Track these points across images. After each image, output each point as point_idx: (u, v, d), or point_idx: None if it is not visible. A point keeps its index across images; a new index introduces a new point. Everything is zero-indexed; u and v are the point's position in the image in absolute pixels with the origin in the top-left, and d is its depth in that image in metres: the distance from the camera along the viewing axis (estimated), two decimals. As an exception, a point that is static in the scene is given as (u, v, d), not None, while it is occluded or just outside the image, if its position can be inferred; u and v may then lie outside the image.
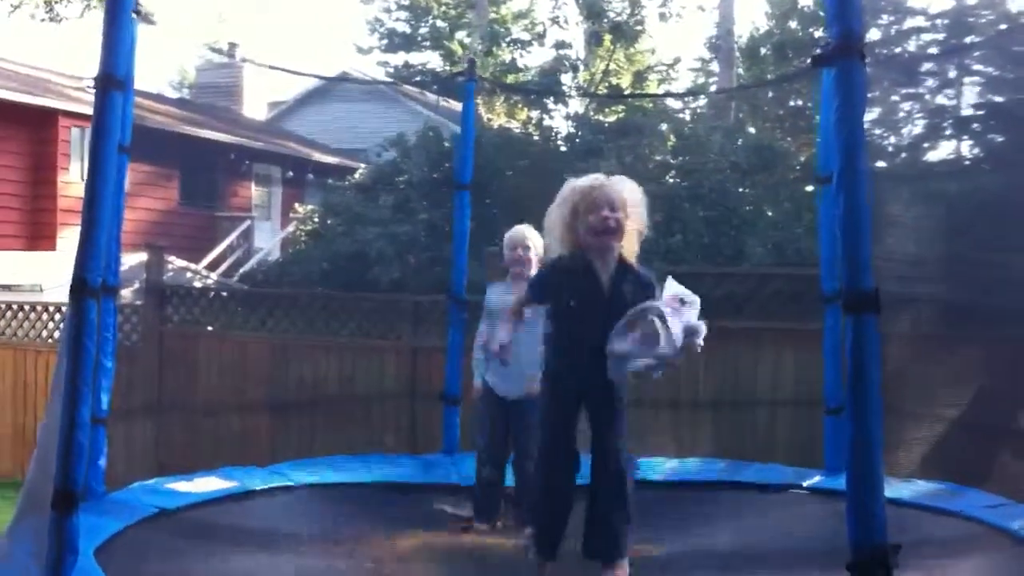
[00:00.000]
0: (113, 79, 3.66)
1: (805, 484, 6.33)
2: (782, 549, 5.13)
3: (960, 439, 5.82)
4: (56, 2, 20.54)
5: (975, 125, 10.57)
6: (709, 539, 5.28)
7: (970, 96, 10.86)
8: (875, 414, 2.74)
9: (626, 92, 17.51)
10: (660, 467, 6.71)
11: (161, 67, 42.31)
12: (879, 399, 2.74)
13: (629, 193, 3.92)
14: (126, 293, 10.99)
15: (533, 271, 5.64)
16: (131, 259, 10.58)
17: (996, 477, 5.68)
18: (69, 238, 17.01)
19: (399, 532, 5.28)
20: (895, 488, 2.91)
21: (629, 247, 3.95)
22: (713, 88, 20.39)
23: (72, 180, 18.42)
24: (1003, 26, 10.12)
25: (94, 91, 3.76)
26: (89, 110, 3.87)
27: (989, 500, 5.55)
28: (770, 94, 17.09)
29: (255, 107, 26.59)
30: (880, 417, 2.74)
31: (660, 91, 19.91)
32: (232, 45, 25.29)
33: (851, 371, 2.76)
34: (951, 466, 5.95)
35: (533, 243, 5.84)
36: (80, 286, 3.54)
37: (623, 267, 3.91)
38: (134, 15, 4.84)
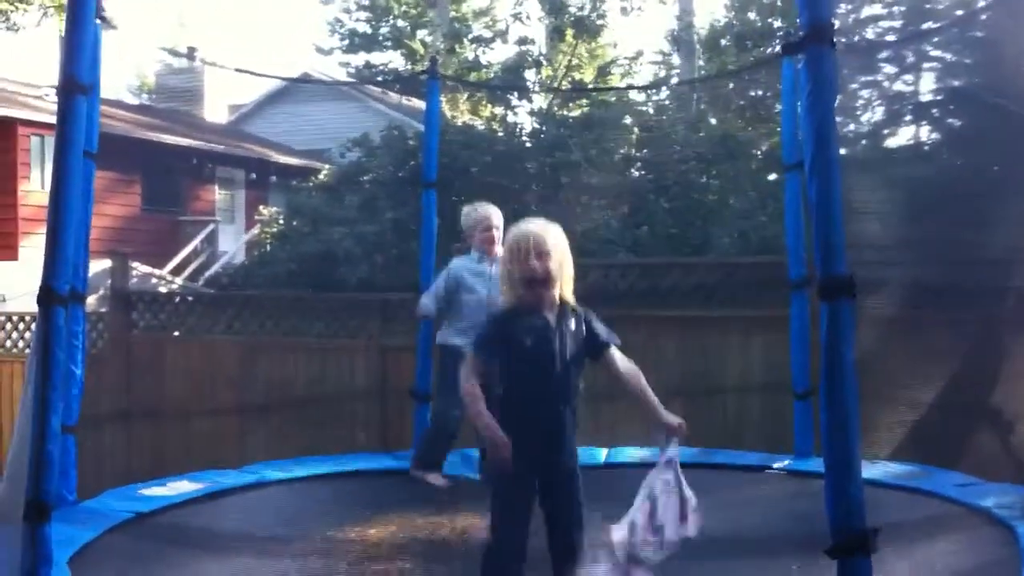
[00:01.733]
0: (76, 83, 3.62)
1: (775, 466, 6.41)
2: (756, 532, 5.17)
3: (934, 420, 5.88)
4: (12, 10, 20.27)
5: (934, 110, 10.67)
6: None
7: (928, 82, 10.98)
8: (851, 399, 2.75)
9: (589, 86, 17.52)
10: (630, 454, 6.76)
11: (120, 73, 41.94)
12: (855, 384, 2.76)
13: (553, 239, 3.84)
14: (91, 300, 10.86)
15: (499, 249, 5.91)
16: (95, 266, 10.45)
17: (970, 457, 5.74)
18: (31, 247, 16.82)
19: (375, 521, 5.30)
20: (868, 470, 2.91)
21: (567, 291, 3.88)
22: (675, 80, 20.45)
23: (33, 189, 18.22)
24: (960, 12, 10.23)
25: (56, 96, 3.72)
26: (49, 118, 3.83)
27: (960, 479, 5.62)
28: (731, 85, 17.17)
29: (216, 111, 26.39)
30: (856, 402, 2.76)
31: (623, 84, 19.91)
32: (192, 49, 25.09)
33: (826, 357, 2.78)
34: (925, 448, 6.01)
35: (499, 223, 6.25)
36: (48, 294, 3.50)
37: (565, 310, 3.85)
38: (98, 20, 4.79)
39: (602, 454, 6.78)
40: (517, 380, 3.80)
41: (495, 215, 6.33)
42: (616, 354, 3.92)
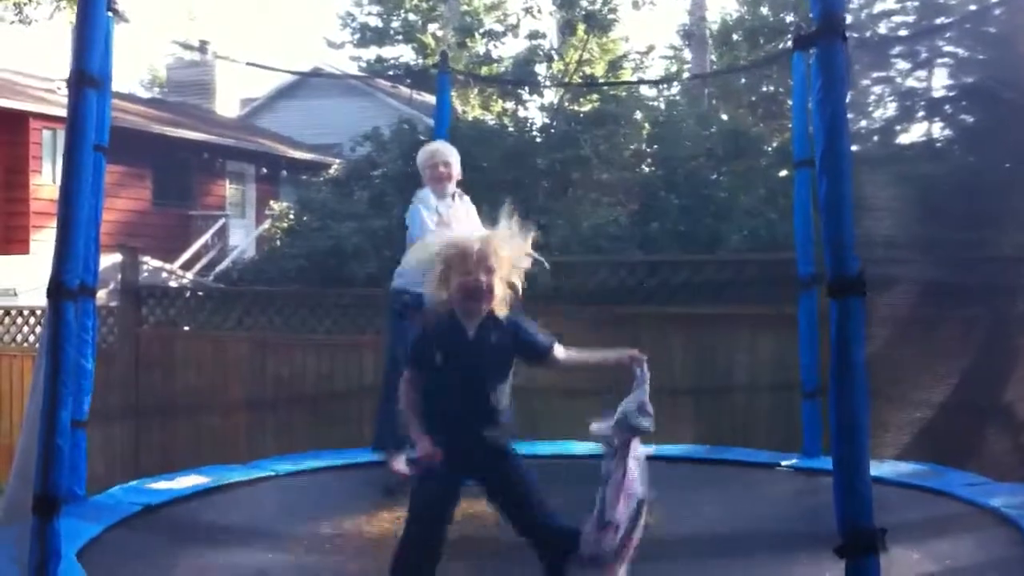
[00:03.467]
0: (86, 76, 3.61)
1: (783, 464, 6.40)
2: (764, 531, 5.16)
3: (944, 420, 5.85)
4: (25, 4, 20.32)
5: (947, 107, 10.63)
6: (692, 517, 5.32)
7: (941, 78, 10.93)
8: (861, 398, 2.74)
9: (600, 80, 17.48)
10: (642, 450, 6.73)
11: (132, 67, 41.94)
12: (865, 383, 2.74)
13: (504, 249, 3.72)
14: (101, 295, 10.88)
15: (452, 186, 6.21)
16: (105, 260, 10.48)
17: (980, 456, 5.72)
18: (43, 241, 16.88)
19: (382, 514, 5.31)
20: (876, 468, 2.90)
21: (499, 303, 3.75)
22: (686, 75, 20.40)
23: (44, 182, 18.28)
24: (973, 7, 10.18)
25: (67, 89, 3.72)
26: (61, 112, 3.82)
27: (970, 479, 5.61)
28: (742, 80, 17.13)
29: (227, 105, 26.44)
30: (866, 401, 2.74)
31: (634, 79, 19.85)
32: (203, 42, 25.11)
33: (835, 356, 2.76)
34: (934, 448, 5.99)
35: (454, 161, 6.28)
36: (57, 288, 3.50)
37: (489, 320, 3.73)
38: (109, 13, 4.79)
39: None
40: (440, 397, 3.70)
41: (446, 151, 6.38)
42: (558, 351, 3.82)
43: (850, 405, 2.73)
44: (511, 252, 3.72)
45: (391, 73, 25.91)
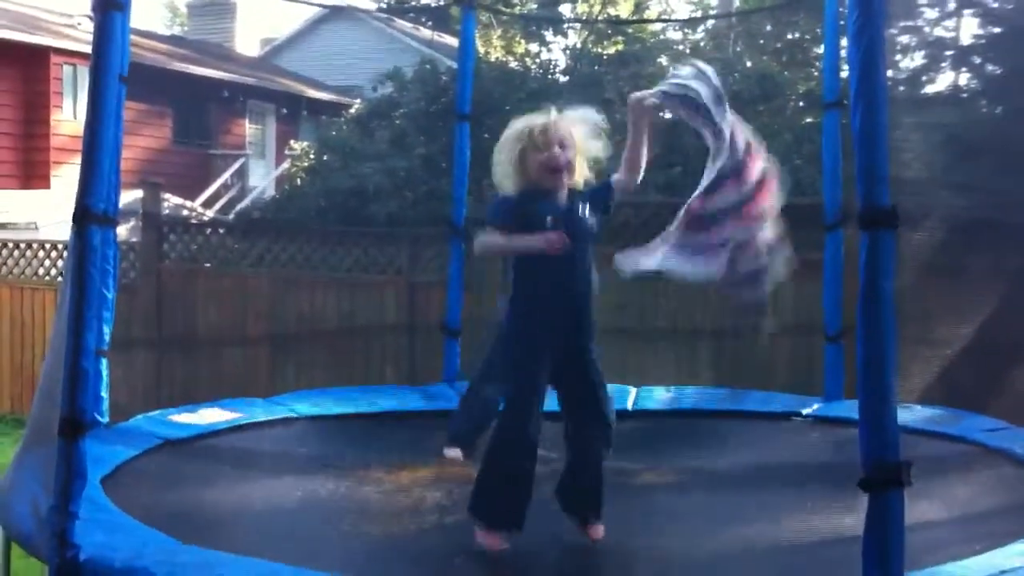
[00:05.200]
0: (111, 0, 3.58)
1: (804, 412, 6.38)
2: (787, 472, 5.18)
3: (966, 364, 5.84)
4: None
5: (974, 57, 10.49)
6: (712, 464, 5.33)
7: (969, 27, 10.77)
8: (888, 332, 2.72)
9: (625, 19, 17.30)
10: (660, 396, 6.77)
11: (153, 4, 41.73)
12: (893, 317, 2.72)
13: (578, 129, 3.92)
14: (122, 231, 10.91)
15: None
16: (126, 197, 10.50)
17: (1004, 400, 5.71)
18: (64, 176, 16.92)
19: (404, 461, 5.32)
20: (899, 413, 2.88)
21: (579, 177, 3.97)
22: (713, 16, 20.17)
23: (65, 118, 18.29)
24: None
25: (92, 15, 3.69)
26: (81, 47, 3.77)
27: (990, 424, 5.60)
28: (768, 27, 16.91)
29: (248, 44, 26.33)
30: (894, 335, 2.73)
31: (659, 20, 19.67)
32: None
33: (864, 288, 2.73)
34: (956, 392, 5.98)
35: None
36: (83, 213, 3.49)
37: (574, 194, 3.92)
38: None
39: (630, 396, 6.74)
40: (536, 265, 3.82)
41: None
42: (618, 181, 4.02)
43: (877, 338, 2.71)
44: (583, 129, 3.91)
45: (415, 2, 25.59)
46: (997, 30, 9.79)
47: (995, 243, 5.76)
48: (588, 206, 3.92)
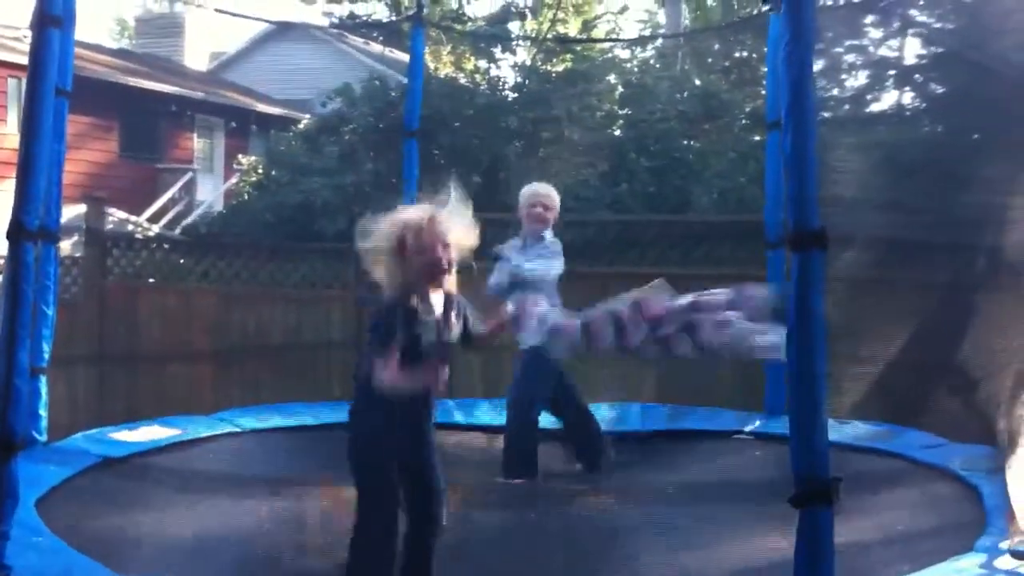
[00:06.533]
0: (48, 15, 3.56)
1: (746, 429, 6.44)
2: (724, 489, 5.22)
3: (899, 381, 5.93)
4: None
5: (917, 76, 10.66)
6: (654, 481, 5.37)
7: (913, 47, 10.95)
8: (819, 349, 2.76)
9: (574, 38, 17.42)
10: (606, 414, 6.80)
11: (100, 18, 41.33)
12: (823, 335, 2.77)
13: (457, 227, 3.64)
14: (65, 246, 10.77)
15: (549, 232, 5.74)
16: (70, 212, 10.39)
17: (936, 417, 5.80)
18: (7, 190, 16.64)
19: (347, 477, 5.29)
20: (834, 429, 2.92)
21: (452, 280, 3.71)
22: (661, 35, 20.35)
23: (9, 132, 18.01)
24: (946, -25, 10.18)
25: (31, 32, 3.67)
26: (26, 60, 3.70)
27: (927, 440, 5.68)
28: (716, 46, 17.10)
29: (197, 58, 26.10)
30: (824, 353, 2.77)
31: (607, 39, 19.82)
32: (172, -9, 24.77)
33: (795, 307, 2.78)
34: (890, 408, 6.07)
35: (555, 203, 5.79)
36: (17, 229, 3.46)
37: (448, 300, 3.68)
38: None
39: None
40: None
41: (549, 192, 5.83)
42: (477, 327, 3.81)
43: (808, 356, 2.75)
44: (460, 229, 3.64)
45: (364, 18, 25.59)
46: (939, 50, 9.97)
47: (925, 261, 5.87)
48: (458, 316, 3.70)
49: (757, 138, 11.59)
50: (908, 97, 11.06)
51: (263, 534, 4.45)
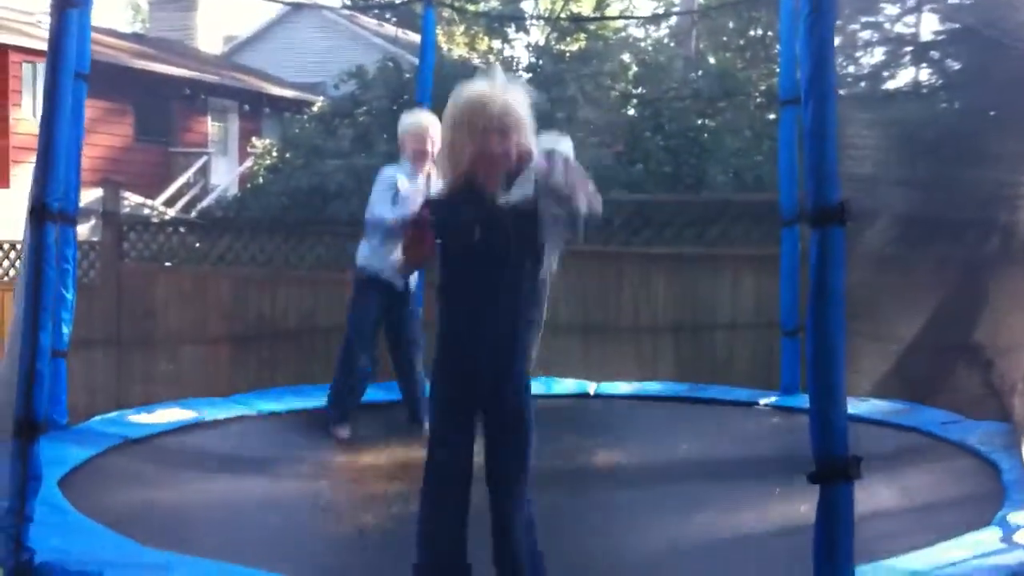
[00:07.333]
0: (68, -3, 3.55)
1: (762, 402, 6.47)
2: (741, 462, 5.24)
3: (917, 358, 5.92)
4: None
5: (933, 52, 10.59)
6: (669, 451, 5.40)
7: (929, 23, 10.87)
8: (838, 327, 2.75)
9: (588, 16, 17.35)
10: (621, 388, 6.85)
11: (114, 2, 41.27)
12: (842, 312, 2.76)
13: (520, 107, 3.19)
14: (82, 230, 10.81)
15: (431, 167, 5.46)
16: (86, 196, 10.42)
17: (953, 394, 5.79)
18: (22, 176, 16.73)
19: (364, 451, 5.35)
20: (852, 405, 2.91)
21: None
22: (675, 12, 20.27)
23: (24, 116, 18.08)
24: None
25: (49, 12, 3.67)
26: (41, 45, 3.72)
27: (944, 416, 5.67)
28: (731, 24, 17.02)
29: (210, 42, 26.11)
30: (843, 330, 2.76)
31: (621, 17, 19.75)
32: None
33: (814, 284, 2.77)
34: (908, 385, 6.06)
35: (436, 135, 5.33)
36: (39, 210, 3.47)
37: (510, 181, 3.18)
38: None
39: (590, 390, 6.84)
40: (457, 284, 3.20)
41: (432, 126, 5.43)
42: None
43: (827, 333, 2.75)
44: (523, 104, 3.22)
45: (378, 6, 25.58)
46: (956, 26, 9.89)
47: (942, 238, 5.85)
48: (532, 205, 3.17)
49: (772, 116, 11.53)
50: (925, 74, 11.00)
51: (282, 508, 4.49)
